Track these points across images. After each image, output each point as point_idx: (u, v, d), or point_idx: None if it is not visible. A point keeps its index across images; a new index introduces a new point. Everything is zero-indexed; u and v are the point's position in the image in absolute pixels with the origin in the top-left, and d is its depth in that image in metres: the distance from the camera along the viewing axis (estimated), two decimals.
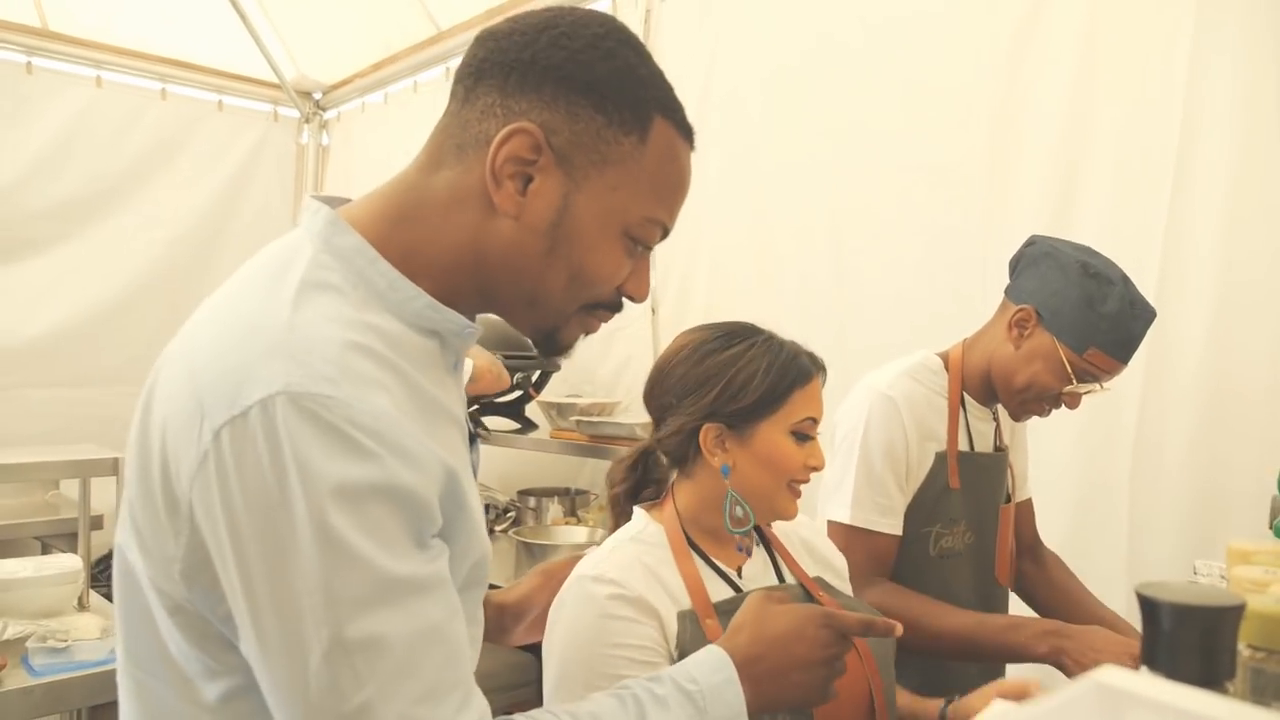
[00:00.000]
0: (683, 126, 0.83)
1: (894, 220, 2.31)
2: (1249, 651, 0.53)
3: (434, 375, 0.80)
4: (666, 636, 1.13)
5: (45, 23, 3.80)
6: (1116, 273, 1.44)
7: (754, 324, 1.28)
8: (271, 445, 0.65)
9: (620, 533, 1.24)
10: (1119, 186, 1.94)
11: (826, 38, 2.44)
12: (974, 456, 1.58)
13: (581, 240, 0.79)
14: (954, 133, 2.18)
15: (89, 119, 3.90)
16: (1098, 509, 1.94)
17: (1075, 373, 1.45)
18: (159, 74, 4.09)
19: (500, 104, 0.77)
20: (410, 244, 0.79)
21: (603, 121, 0.78)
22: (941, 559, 1.54)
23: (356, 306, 0.75)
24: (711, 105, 2.73)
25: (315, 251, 0.78)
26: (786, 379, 1.20)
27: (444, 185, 0.79)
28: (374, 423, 0.68)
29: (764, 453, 1.20)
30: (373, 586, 0.66)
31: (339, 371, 0.69)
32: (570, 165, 0.78)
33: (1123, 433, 1.90)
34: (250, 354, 0.69)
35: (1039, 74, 2.07)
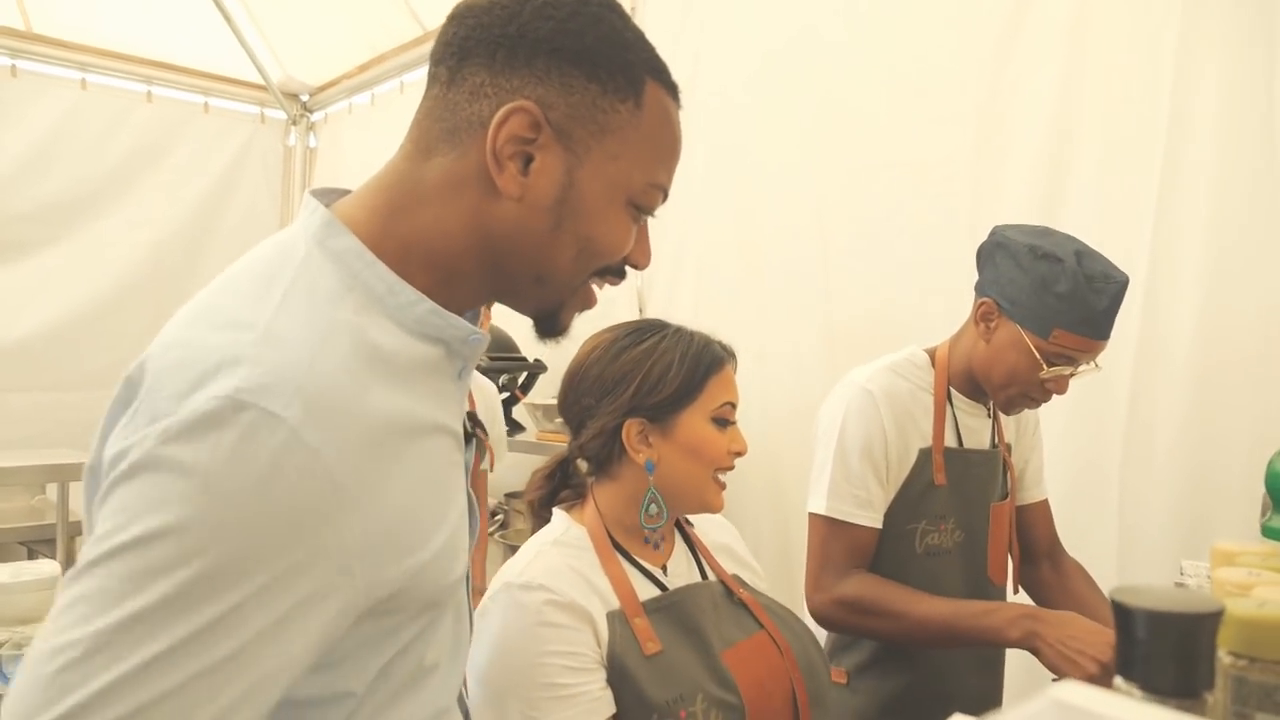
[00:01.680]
0: (670, 86, 0.81)
1: (880, 217, 2.29)
2: (1230, 659, 0.50)
3: (430, 387, 0.76)
4: (599, 641, 1.12)
5: (29, 24, 3.78)
6: (1068, 249, 1.41)
7: (660, 319, 1.28)
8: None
9: (540, 536, 1.23)
10: (1106, 181, 1.92)
11: (811, 34, 2.42)
12: (963, 453, 1.56)
13: (587, 213, 0.77)
14: (940, 129, 2.16)
15: (74, 121, 3.87)
16: (1088, 498, 1.92)
17: (1046, 357, 1.43)
18: (144, 76, 4.06)
19: (490, 83, 0.74)
20: (409, 237, 0.76)
21: (597, 90, 0.75)
22: (928, 556, 1.52)
23: (354, 310, 0.72)
24: (696, 103, 2.71)
25: (308, 253, 0.74)
26: (701, 366, 1.21)
27: (438, 173, 0.76)
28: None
29: (688, 442, 1.20)
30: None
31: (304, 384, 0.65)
32: (570, 139, 0.75)
33: (1113, 422, 1.88)
34: (214, 352, 0.65)
35: (1025, 69, 2.05)
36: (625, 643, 1.10)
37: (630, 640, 1.11)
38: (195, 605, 0.59)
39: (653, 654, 1.11)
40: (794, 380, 2.49)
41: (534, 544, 1.21)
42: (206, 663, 0.60)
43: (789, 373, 2.50)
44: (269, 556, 0.62)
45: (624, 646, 1.10)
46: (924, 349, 1.62)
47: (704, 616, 1.19)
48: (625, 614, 1.13)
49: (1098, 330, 1.41)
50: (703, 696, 1.11)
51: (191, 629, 0.59)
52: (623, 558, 1.20)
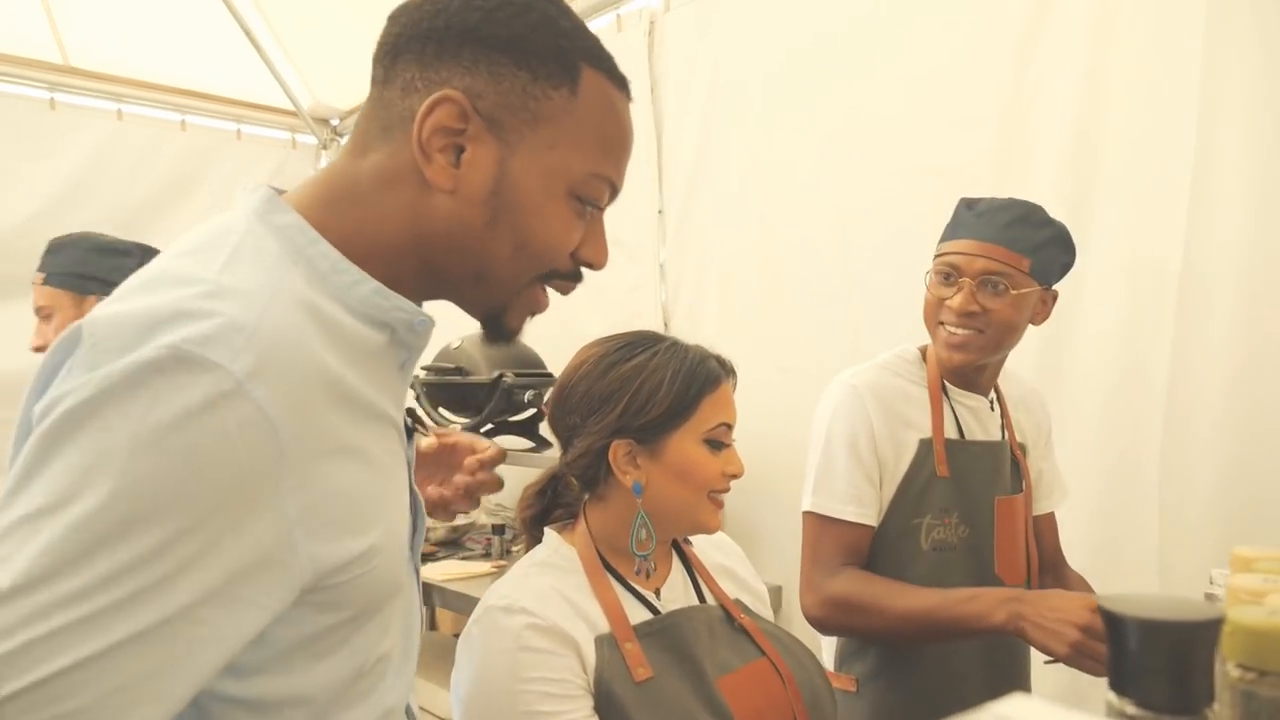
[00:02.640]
0: (614, 76, 0.79)
1: (903, 224, 2.25)
2: (1239, 672, 0.46)
3: (374, 374, 0.75)
4: (585, 667, 1.07)
5: (66, 58, 3.86)
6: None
7: (656, 331, 1.23)
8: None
9: (529, 557, 1.19)
10: (1136, 180, 1.87)
11: (830, 42, 2.40)
12: (965, 444, 1.53)
13: (524, 206, 0.75)
14: (962, 132, 2.13)
15: (110, 151, 3.94)
16: (1125, 503, 1.86)
17: (935, 276, 1.50)
18: (178, 105, 4.13)
19: (420, 76, 0.74)
20: (348, 229, 0.75)
21: (527, 78, 0.74)
22: (934, 552, 1.48)
23: (302, 282, 0.71)
24: (717, 113, 2.70)
25: (250, 226, 0.73)
26: (694, 386, 1.15)
27: (373, 168, 0.75)
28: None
29: (678, 465, 1.14)
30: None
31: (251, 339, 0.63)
32: (501, 129, 0.74)
33: (1150, 423, 1.83)
34: (160, 308, 0.63)
35: (1048, 69, 2.00)
36: (614, 668, 1.06)
37: (620, 666, 1.06)
38: (128, 559, 0.58)
39: (643, 680, 1.06)
40: (820, 389, 2.44)
41: (521, 565, 1.17)
42: (139, 621, 0.58)
43: (814, 385, 2.45)
44: (206, 512, 0.60)
45: (613, 672, 1.06)
46: (917, 346, 1.60)
47: (698, 642, 1.14)
48: (615, 638, 1.08)
49: (964, 231, 1.48)
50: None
51: (125, 588, 0.58)
52: (614, 580, 1.16)
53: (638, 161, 2.89)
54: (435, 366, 2.93)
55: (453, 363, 2.87)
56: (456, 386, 2.85)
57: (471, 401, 2.85)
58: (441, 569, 2.68)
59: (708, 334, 2.76)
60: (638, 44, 2.88)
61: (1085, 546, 1.89)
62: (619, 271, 3.00)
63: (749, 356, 2.61)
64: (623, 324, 1.22)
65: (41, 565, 0.56)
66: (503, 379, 2.73)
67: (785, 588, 2.53)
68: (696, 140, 2.75)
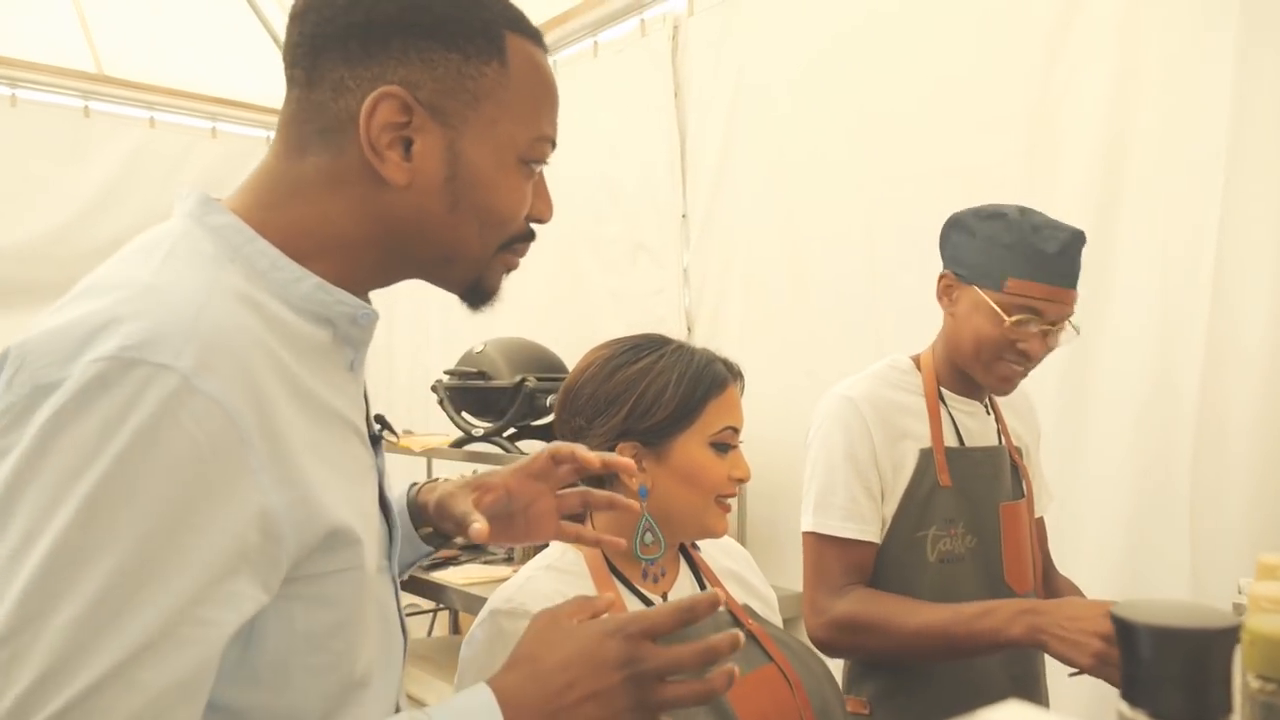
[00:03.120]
0: (531, 34, 0.79)
1: (930, 227, 2.21)
2: (1259, 684, 0.44)
3: (323, 372, 0.74)
4: None
5: (100, 67, 3.92)
6: (1011, 207, 1.41)
7: (664, 334, 1.22)
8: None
9: (535, 560, 1.18)
10: (1166, 181, 1.83)
11: (854, 43, 2.37)
12: (965, 452, 1.50)
13: (481, 184, 0.75)
14: (989, 134, 2.09)
15: (142, 158, 4.00)
16: (1157, 512, 1.82)
17: (1005, 309, 1.39)
18: (209, 113, 4.18)
19: (350, 76, 0.73)
20: (295, 228, 0.74)
21: (459, 59, 0.74)
22: (942, 564, 1.45)
23: (240, 279, 0.70)
24: (740, 116, 2.68)
25: (186, 229, 0.72)
26: (700, 389, 1.14)
27: (316, 171, 0.74)
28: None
29: (683, 469, 1.13)
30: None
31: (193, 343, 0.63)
32: (444, 114, 0.74)
33: (1182, 430, 1.78)
34: (93, 316, 0.62)
35: (1077, 69, 1.97)
36: None
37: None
38: (115, 577, 0.58)
39: None
40: None
41: (528, 568, 1.16)
42: (145, 634, 0.58)
43: None
44: (183, 512, 0.60)
45: None
46: (909, 355, 1.58)
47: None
48: None
49: (1051, 274, 1.37)
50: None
51: (119, 604, 0.58)
52: (621, 584, 1.14)
53: (660, 165, 2.90)
54: (458, 371, 2.93)
55: (475, 367, 2.87)
56: (479, 391, 2.85)
57: (494, 406, 2.85)
58: (463, 573, 2.68)
59: (731, 339, 2.76)
60: (661, 48, 2.88)
61: (1115, 556, 1.85)
62: (643, 275, 2.99)
63: (773, 361, 2.60)
64: (646, 328, 1.22)
65: (31, 602, 0.56)
66: (525, 383, 2.73)
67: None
68: (720, 144, 2.74)
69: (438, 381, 2.98)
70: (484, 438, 2.90)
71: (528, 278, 3.47)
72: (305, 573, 0.68)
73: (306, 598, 0.69)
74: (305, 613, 0.69)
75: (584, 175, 3.09)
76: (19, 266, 3.63)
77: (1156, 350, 1.82)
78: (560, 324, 3.13)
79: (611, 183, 3.07)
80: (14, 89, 3.69)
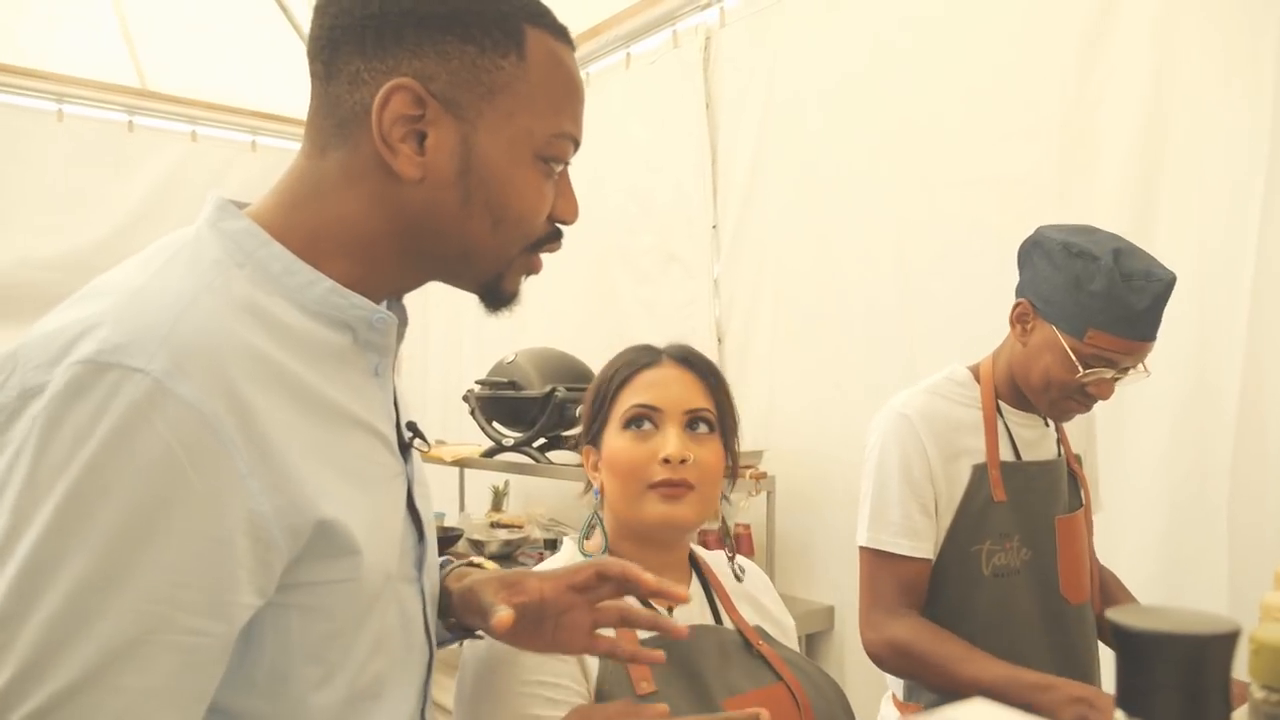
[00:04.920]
0: (555, 28, 0.77)
1: (962, 236, 2.19)
2: (1263, 694, 0.43)
3: (340, 377, 0.74)
4: (586, 675, 1.04)
5: (144, 82, 4.01)
6: (1106, 247, 1.33)
7: (651, 345, 1.20)
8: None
9: (545, 565, 1.16)
10: (1204, 188, 1.79)
11: (885, 53, 2.36)
12: (1021, 466, 1.48)
13: (495, 179, 0.74)
14: (1022, 142, 2.07)
15: (185, 171, 4.07)
16: (1195, 523, 1.78)
17: (1082, 359, 1.35)
18: (250, 127, 4.25)
19: (366, 68, 0.72)
20: (314, 227, 0.74)
21: (475, 51, 0.73)
22: (997, 578, 1.44)
23: (245, 283, 0.70)
24: (772, 127, 2.67)
25: (199, 234, 0.73)
26: (614, 379, 1.15)
27: (335, 166, 0.74)
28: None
29: (608, 459, 1.14)
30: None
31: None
32: (459, 107, 0.72)
33: (1221, 439, 1.75)
34: (78, 322, 0.63)
35: (1111, 76, 1.94)
36: (617, 679, 1.03)
37: (622, 678, 1.03)
38: (93, 580, 0.58)
39: (645, 695, 1.03)
40: (875, 407, 2.39)
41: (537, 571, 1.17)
42: (123, 636, 0.58)
43: (868, 403, 2.41)
44: (160, 517, 0.60)
45: (615, 683, 1.03)
46: (967, 365, 1.56)
47: (706, 661, 1.09)
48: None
49: (1136, 330, 1.33)
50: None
51: (98, 606, 0.58)
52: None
53: (692, 175, 2.90)
54: (488, 381, 2.94)
55: (506, 377, 2.88)
56: (509, 400, 2.86)
57: (524, 416, 2.86)
58: None
59: (761, 350, 2.74)
60: (694, 59, 2.88)
61: (1154, 565, 1.81)
62: (674, 286, 2.98)
63: (802, 373, 2.59)
64: (676, 339, 1.22)
65: (8, 603, 0.57)
66: (555, 393, 2.73)
67: (837, 607, 2.47)
68: (752, 154, 2.73)
69: (469, 391, 3.00)
70: (514, 447, 2.91)
71: (560, 288, 3.49)
72: (300, 580, 0.67)
73: (302, 607, 0.68)
74: (301, 622, 0.69)
75: (616, 186, 3.10)
76: (64, 276, 3.70)
77: (1195, 359, 1.79)
78: (591, 334, 3.13)
79: (643, 194, 3.07)
80: (61, 104, 3.77)
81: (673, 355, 1.17)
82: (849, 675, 2.41)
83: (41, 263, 3.68)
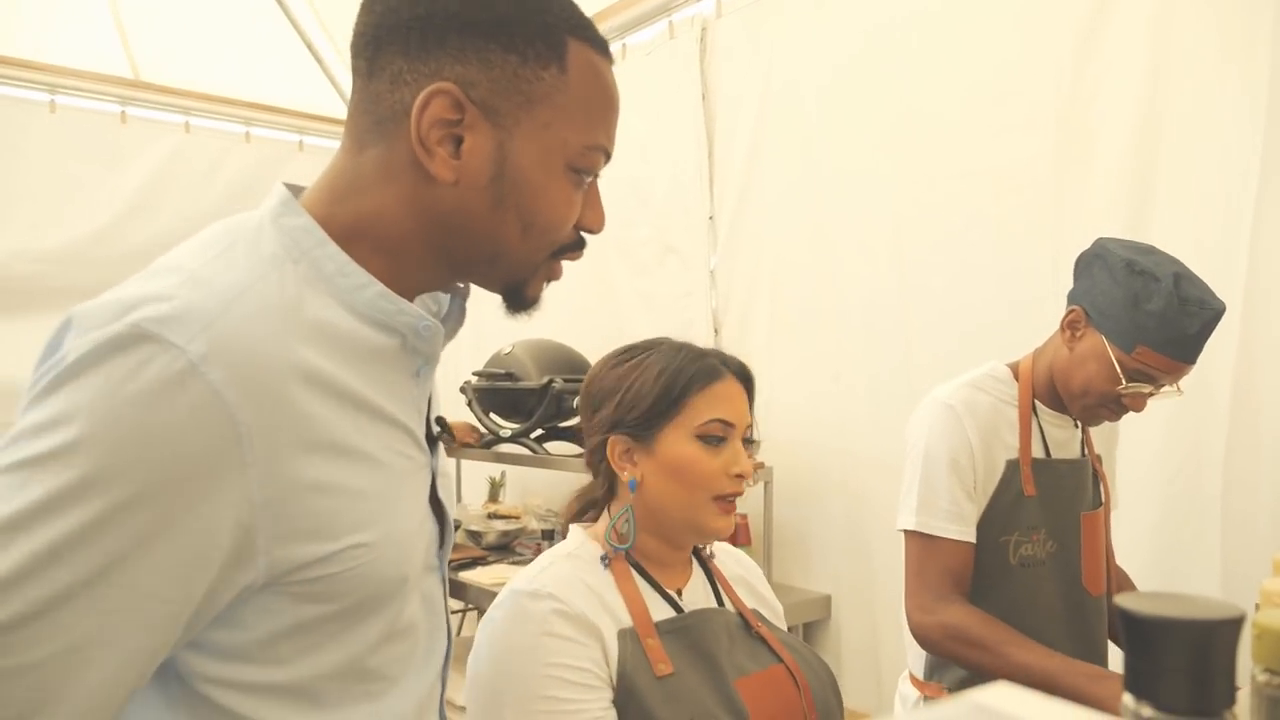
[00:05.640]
0: (596, 42, 0.78)
1: (958, 229, 2.21)
2: (1265, 677, 0.44)
3: (381, 377, 0.75)
4: (608, 658, 1.07)
5: (137, 73, 3.99)
6: (1167, 270, 1.37)
7: (668, 337, 1.23)
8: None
9: (555, 549, 1.20)
10: (1198, 182, 1.81)
11: (883, 45, 2.37)
12: (1051, 463, 1.53)
13: (527, 186, 0.75)
14: (1019, 135, 2.09)
15: (178, 163, 4.05)
16: (1188, 516, 1.81)
17: (1126, 372, 1.40)
18: (244, 118, 4.23)
19: (408, 69, 0.73)
20: (352, 222, 0.75)
21: (517, 61, 0.73)
22: (1023, 568, 1.49)
23: (297, 281, 0.72)
24: (769, 118, 2.68)
25: (260, 225, 0.74)
26: (682, 381, 1.15)
27: (373, 163, 0.75)
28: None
29: (670, 462, 1.14)
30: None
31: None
32: (497, 114, 0.74)
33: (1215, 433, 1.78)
34: (139, 293, 0.65)
35: (1108, 70, 1.96)
36: (636, 662, 1.07)
37: (641, 660, 1.07)
38: (79, 524, 0.60)
39: (664, 675, 1.07)
40: (872, 398, 2.42)
41: (547, 555, 1.19)
42: (68, 579, 0.60)
43: (867, 391, 2.43)
44: (157, 487, 0.62)
45: (635, 666, 1.07)
46: (1006, 363, 1.59)
47: (717, 643, 1.14)
48: (638, 633, 1.10)
49: (1183, 353, 1.38)
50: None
51: (76, 551, 0.60)
52: (639, 575, 1.17)
53: (688, 167, 2.91)
54: (486, 372, 2.95)
55: (503, 368, 2.89)
56: (506, 392, 2.87)
57: (521, 407, 2.87)
58: (491, 574, 2.69)
59: (758, 341, 2.76)
60: (690, 50, 2.89)
61: (1149, 554, 1.84)
62: (671, 278, 2.99)
63: (799, 365, 2.60)
64: (673, 330, 1.23)
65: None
66: (552, 384, 2.75)
67: (834, 597, 2.50)
68: (748, 146, 2.74)
69: (466, 382, 3.01)
70: (511, 438, 2.92)
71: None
72: (295, 565, 0.69)
73: (294, 594, 0.70)
74: (293, 606, 0.70)
75: (612, 177, 3.04)
76: (58, 268, 3.70)
77: None
78: (589, 326, 3.14)
79: (640, 185, 3.08)
80: (53, 95, 3.76)
81: (733, 370, 1.20)
82: (845, 663, 2.43)
83: (35, 255, 3.66)
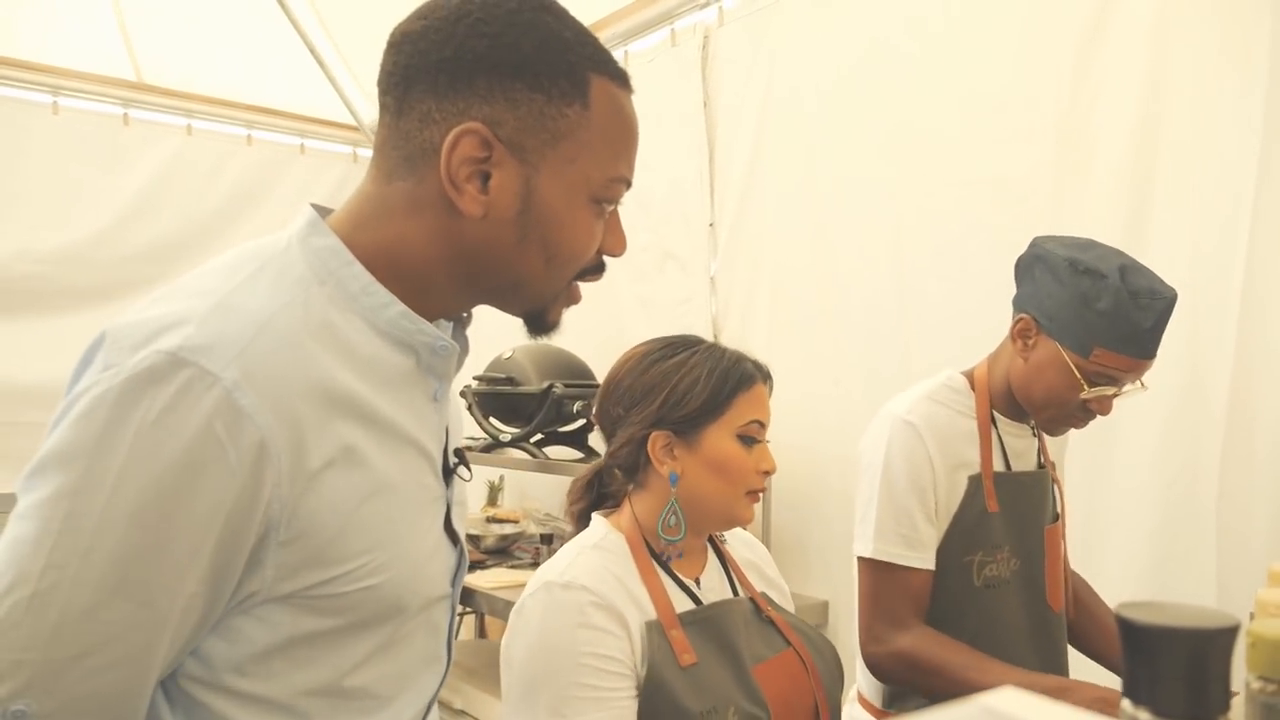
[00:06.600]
0: (617, 76, 0.81)
1: (958, 237, 2.22)
2: (1259, 684, 0.45)
3: (401, 398, 0.78)
4: (634, 649, 1.13)
5: (139, 75, 4.00)
6: (1112, 264, 1.33)
7: (698, 335, 1.30)
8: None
9: (580, 539, 1.24)
10: (1197, 191, 1.82)
11: (883, 53, 2.38)
12: (1012, 476, 1.49)
13: (552, 220, 0.78)
14: (1018, 144, 2.10)
15: (180, 165, 4.07)
16: (1184, 524, 1.81)
17: (1086, 377, 1.36)
18: (246, 121, 4.25)
19: (437, 109, 0.75)
20: (375, 249, 0.78)
21: (543, 99, 0.76)
22: (987, 589, 1.44)
23: (324, 302, 0.74)
24: (770, 126, 2.69)
25: (288, 246, 0.77)
26: (729, 383, 1.22)
27: (400, 195, 0.78)
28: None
29: (713, 458, 1.20)
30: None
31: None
32: (523, 151, 0.76)
33: (1210, 440, 1.78)
34: (169, 315, 0.67)
35: (1107, 78, 1.97)
36: (662, 653, 1.12)
37: (667, 651, 1.13)
38: (123, 548, 0.63)
39: (688, 665, 1.13)
40: (871, 405, 2.41)
41: (574, 546, 1.22)
42: (123, 600, 0.63)
43: (864, 400, 2.44)
44: (198, 509, 0.65)
45: (661, 656, 1.12)
46: (961, 371, 1.56)
47: (737, 632, 1.21)
48: (662, 625, 1.15)
49: (1142, 349, 1.34)
50: (734, 709, 1.13)
51: (120, 570, 0.63)
52: (659, 568, 1.22)
53: (689, 174, 2.92)
54: (486, 376, 2.96)
55: (503, 373, 2.90)
56: (507, 396, 2.89)
57: (522, 411, 2.88)
58: (490, 577, 2.71)
59: (758, 347, 2.73)
60: (691, 57, 2.90)
61: (1144, 563, 1.84)
62: (671, 284, 3.01)
63: (799, 371, 2.61)
64: (674, 327, 1.28)
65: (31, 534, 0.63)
66: (553, 389, 2.76)
67: (832, 602, 2.50)
68: (749, 153, 2.75)
69: (466, 387, 3.02)
70: (512, 443, 2.93)
71: None
72: (301, 583, 0.71)
73: (300, 607, 0.72)
74: (296, 618, 0.73)
75: None
76: (60, 270, 3.71)
77: (1185, 361, 1.82)
78: (589, 331, 3.15)
79: (640, 191, 3.06)
80: (56, 96, 3.77)
81: (763, 375, 1.27)
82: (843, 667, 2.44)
83: (37, 256, 3.67)
